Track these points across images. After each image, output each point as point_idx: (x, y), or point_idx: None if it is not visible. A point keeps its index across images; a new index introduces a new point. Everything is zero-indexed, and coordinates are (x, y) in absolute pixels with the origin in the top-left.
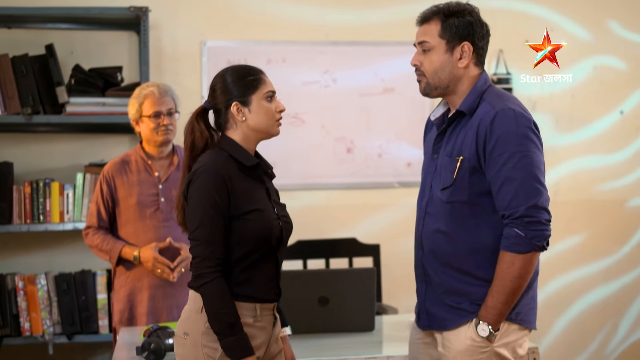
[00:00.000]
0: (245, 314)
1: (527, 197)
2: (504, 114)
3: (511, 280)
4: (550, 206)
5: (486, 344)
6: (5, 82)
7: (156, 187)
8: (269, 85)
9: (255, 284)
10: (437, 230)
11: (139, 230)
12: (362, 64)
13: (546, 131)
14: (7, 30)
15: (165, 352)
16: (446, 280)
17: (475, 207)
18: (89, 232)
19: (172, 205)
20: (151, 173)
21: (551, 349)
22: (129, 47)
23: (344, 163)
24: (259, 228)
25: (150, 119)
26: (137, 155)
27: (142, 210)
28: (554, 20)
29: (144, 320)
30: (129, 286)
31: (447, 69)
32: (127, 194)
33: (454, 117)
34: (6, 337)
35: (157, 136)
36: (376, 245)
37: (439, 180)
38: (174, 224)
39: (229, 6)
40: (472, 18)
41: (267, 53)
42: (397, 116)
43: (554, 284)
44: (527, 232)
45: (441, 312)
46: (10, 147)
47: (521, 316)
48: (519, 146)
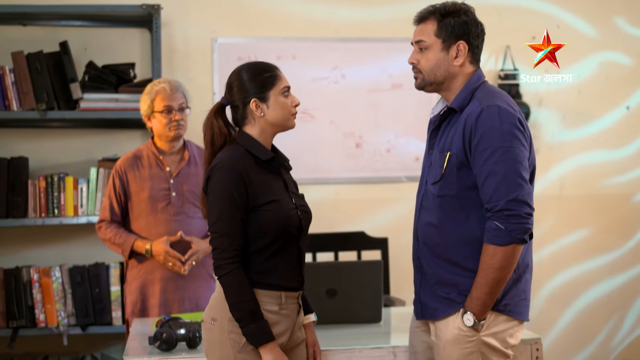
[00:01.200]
0: (271, 301)
1: (507, 191)
2: (489, 111)
3: (493, 272)
4: (556, 201)
5: (472, 333)
6: (20, 79)
7: (167, 182)
8: (284, 81)
9: (279, 273)
10: (429, 223)
11: (150, 224)
12: (370, 60)
13: (552, 126)
14: (22, 27)
15: (177, 341)
16: (437, 271)
17: (464, 201)
18: (101, 226)
19: (183, 200)
20: (162, 168)
21: (557, 342)
22: (141, 44)
23: (352, 158)
24: (278, 218)
25: (162, 114)
26: (148, 150)
27: (153, 204)
28: (560, 16)
29: (156, 311)
30: (141, 279)
31: (443, 67)
32: (139, 188)
33: (446, 113)
34: (22, 328)
35: (169, 131)
36: (384, 239)
37: (432, 175)
38: (185, 218)
39: (240, 3)
40: (467, 18)
41: (277, 50)
42: (405, 111)
43: (560, 278)
44: (507, 225)
45: (433, 302)
46: (26, 143)
47: (510, 307)
48: (502, 142)
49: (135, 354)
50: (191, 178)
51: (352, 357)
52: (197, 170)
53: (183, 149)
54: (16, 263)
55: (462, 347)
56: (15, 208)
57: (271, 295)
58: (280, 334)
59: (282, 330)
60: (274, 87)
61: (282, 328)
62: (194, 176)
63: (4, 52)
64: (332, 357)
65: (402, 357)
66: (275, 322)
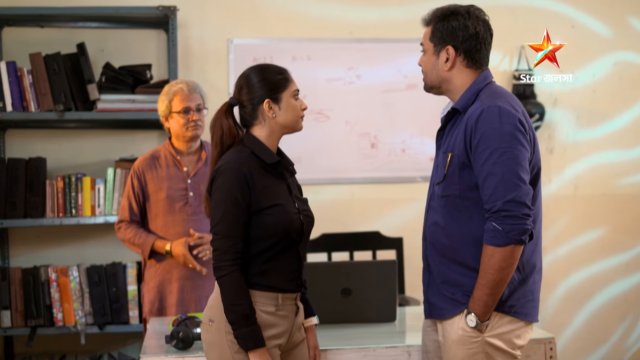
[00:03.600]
0: (268, 302)
1: (505, 191)
2: (490, 111)
3: (492, 273)
4: (571, 200)
5: (476, 334)
6: (38, 80)
7: (185, 182)
8: (295, 84)
9: (277, 275)
10: (435, 223)
11: (168, 223)
12: (385, 60)
13: (567, 126)
14: (39, 29)
15: (193, 340)
16: (443, 271)
17: (467, 201)
18: (121, 226)
19: (200, 200)
20: (180, 168)
21: (572, 341)
22: (158, 45)
23: (367, 158)
24: (280, 222)
25: (179, 114)
26: (166, 150)
27: (171, 204)
28: (575, 16)
29: (174, 310)
30: (159, 278)
31: (434, 71)
32: (157, 188)
33: (451, 115)
34: (40, 327)
35: (187, 132)
36: (399, 239)
37: (437, 175)
38: (202, 217)
39: (255, 5)
40: (456, 23)
41: (292, 50)
42: (420, 112)
43: (575, 278)
44: (504, 226)
45: (439, 301)
46: (43, 143)
47: (516, 309)
48: (501, 142)
49: (152, 352)
50: (208, 177)
51: (366, 356)
52: None
53: (200, 149)
54: (34, 262)
55: (467, 348)
56: (33, 208)
57: (268, 296)
58: (277, 335)
59: (279, 332)
60: (287, 90)
61: (280, 330)
62: None
63: (22, 53)
64: (346, 356)
65: (416, 356)
66: (272, 323)
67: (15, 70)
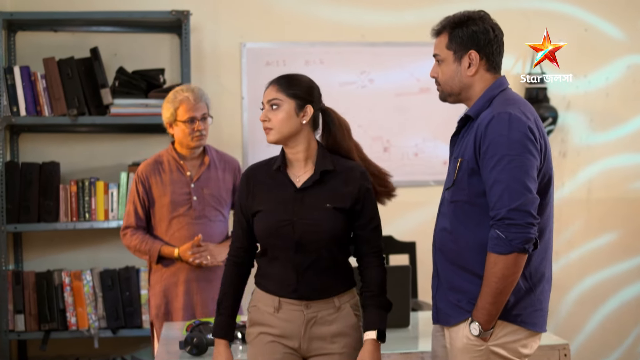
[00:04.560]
0: (267, 303)
1: (509, 199)
2: (499, 118)
3: (495, 281)
4: (584, 204)
5: (480, 342)
6: (52, 85)
7: (188, 187)
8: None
9: (272, 279)
10: (443, 229)
11: (172, 227)
12: (398, 64)
13: (580, 130)
14: (53, 33)
15: (207, 346)
16: (450, 277)
17: (475, 207)
18: (127, 233)
19: (204, 203)
20: (183, 173)
21: (585, 345)
22: (171, 49)
23: (380, 162)
24: (263, 228)
25: (185, 124)
26: (169, 155)
27: (175, 208)
28: (588, 19)
29: (180, 314)
30: (165, 282)
31: (456, 79)
32: (161, 193)
33: (464, 121)
34: (53, 331)
35: (191, 141)
36: (412, 243)
37: (447, 181)
38: (207, 222)
39: (268, 9)
40: (476, 27)
41: (305, 54)
42: (433, 115)
43: (588, 282)
44: (508, 234)
45: (446, 307)
46: (57, 148)
47: (522, 318)
48: (509, 150)
49: (166, 358)
50: (212, 182)
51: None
52: (217, 174)
53: (203, 154)
54: (48, 267)
55: (472, 356)
56: (46, 212)
57: (267, 297)
58: (280, 336)
59: (281, 333)
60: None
61: (281, 331)
62: (214, 180)
63: (35, 58)
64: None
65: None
66: (271, 323)
67: (29, 74)
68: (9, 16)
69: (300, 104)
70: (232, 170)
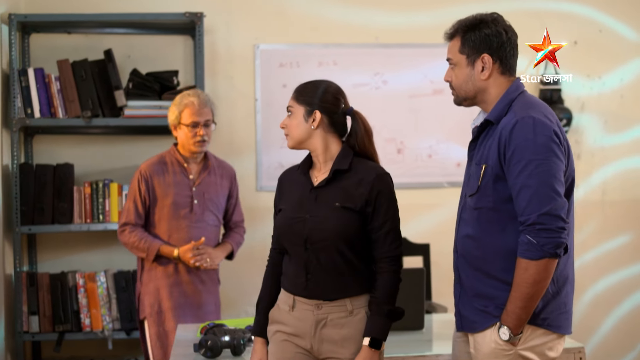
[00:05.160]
0: (285, 301)
1: (539, 204)
2: (524, 123)
3: (526, 287)
4: (598, 206)
5: (509, 347)
6: (66, 87)
7: (190, 189)
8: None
9: (288, 277)
10: (467, 236)
11: (172, 229)
12: (411, 65)
13: (595, 131)
14: (67, 35)
15: (222, 349)
16: (475, 284)
17: (500, 213)
18: (125, 229)
19: (204, 207)
20: (187, 175)
21: (599, 348)
22: (184, 51)
23: (394, 163)
24: (278, 225)
25: (188, 127)
26: (172, 157)
27: (176, 210)
28: (602, 20)
29: (170, 314)
30: (157, 281)
31: (470, 82)
32: (164, 193)
33: (483, 125)
34: (67, 332)
35: (193, 146)
36: (426, 245)
37: (469, 187)
38: (205, 225)
39: (281, 10)
40: (489, 30)
41: (318, 56)
42: (446, 117)
43: (602, 284)
44: (539, 239)
45: (471, 314)
46: (71, 149)
47: (549, 321)
48: (536, 154)
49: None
50: (211, 187)
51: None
52: (216, 180)
53: (205, 159)
54: (62, 268)
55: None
56: (61, 214)
57: (285, 295)
58: (293, 335)
59: (294, 332)
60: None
61: (294, 330)
62: (213, 185)
63: (49, 60)
64: None
65: None
66: (286, 321)
67: (43, 76)
68: (23, 18)
69: (308, 110)
70: (229, 177)
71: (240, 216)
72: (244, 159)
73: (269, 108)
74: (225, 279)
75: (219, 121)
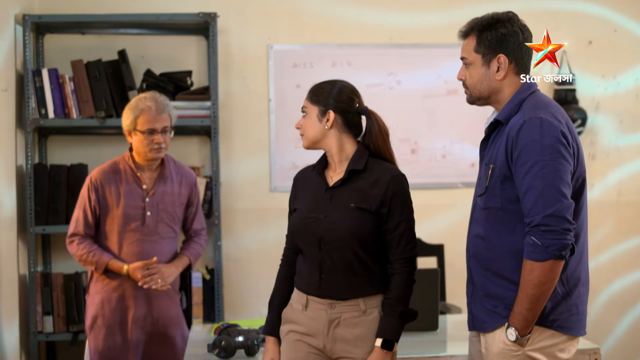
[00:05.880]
0: (297, 300)
1: (545, 206)
2: (531, 123)
3: (532, 288)
4: (613, 206)
5: (517, 347)
6: (80, 87)
7: (143, 201)
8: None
9: (302, 277)
10: (477, 235)
11: (122, 241)
12: (425, 66)
13: (610, 131)
14: (81, 36)
15: (236, 349)
16: (486, 284)
17: (508, 214)
18: (74, 240)
19: (157, 219)
20: (139, 185)
21: (614, 349)
22: (198, 51)
23: (408, 164)
24: (293, 225)
25: (143, 134)
26: (126, 164)
27: (126, 222)
28: (617, 20)
29: (115, 329)
30: (106, 294)
31: (485, 82)
32: (114, 204)
33: (494, 125)
34: (81, 332)
35: (149, 153)
36: (440, 245)
37: (479, 187)
38: (157, 239)
39: (295, 11)
40: (505, 29)
41: (332, 56)
42: (460, 117)
43: (617, 285)
44: (544, 241)
45: (482, 314)
46: (85, 150)
47: (559, 323)
48: (542, 155)
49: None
50: (167, 197)
51: None
52: (172, 188)
53: (161, 166)
54: (76, 268)
55: None
56: None
57: (298, 294)
58: (306, 334)
59: (306, 331)
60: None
61: (307, 329)
62: (169, 195)
63: (63, 60)
64: None
65: None
66: (299, 320)
67: (57, 77)
68: (37, 19)
69: (322, 110)
70: (188, 184)
71: (201, 224)
72: (257, 159)
73: (283, 108)
74: (238, 280)
75: (233, 121)
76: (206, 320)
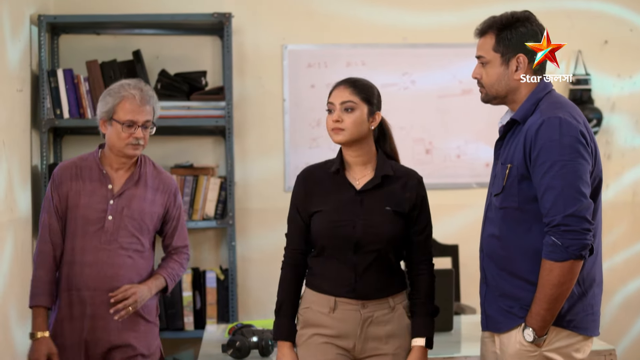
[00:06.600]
0: (322, 303)
1: (565, 205)
2: (550, 123)
3: (551, 288)
4: (629, 207)
5: (534, 348)
6: (94, 87)
7: (106, 202)
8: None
9: (330, 279)
10: (492, 235)
11: (76, 248)
12: (440, 66)
13: (626, 131)
14: (96, 36)
15: (250, 349)
16: (501, 284)
17: (525, 213)
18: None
19: (119, 226)
20: (105, 184)
21: (629, 350)
22: (213, 51)
23: (422, 164)
24: (322, 228)
25: (122, 125)
26: (93, 161)
27: (84, 226)
28: (633, 19)
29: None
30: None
31: (503, 82)
32: (74, 204)
33: (510, 125)
34: None
35: (125, 148)
36: (455, 246)
37: (495, 186)
38: (117, 249)
39: (309, 11)
40: (525, 29)
41: (347, 56)
42: (475, 117)
43: (633, 285)
44: (564, 241)
45: (496, 314)
46: None
47: (575, 323)
48: (561, 155)
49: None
50: (136, 202)
51: None
52: (145, 193)
53: (135, 166)
54: None
55: None
56: None
57: (322, 298)
58: (335, 337)
59: (335, 334)
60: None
61: (335, 331)
62: (139, 200)
63: (78, 61)
64: None
65: None
66: (326, 324)
67: (72, 77)
68: (52, 19)
69: (371, 110)
70: (166, 192)
71: (183, 241)
72: (271, 159)
73: (297, 108)
74: (252, 280)
75: (247, 121)
76: (220, 320)
